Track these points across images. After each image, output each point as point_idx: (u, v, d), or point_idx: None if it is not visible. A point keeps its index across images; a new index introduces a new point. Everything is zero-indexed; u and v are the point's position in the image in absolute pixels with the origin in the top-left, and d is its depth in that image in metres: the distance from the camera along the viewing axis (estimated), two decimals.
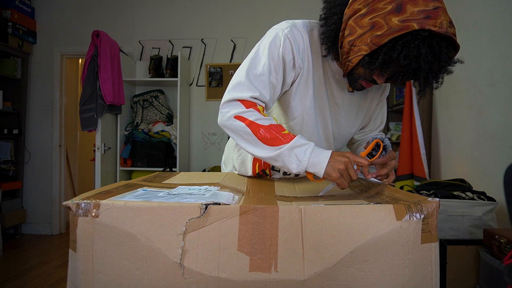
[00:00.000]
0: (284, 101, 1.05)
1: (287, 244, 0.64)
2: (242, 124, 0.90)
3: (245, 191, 0.90)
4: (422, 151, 2.66)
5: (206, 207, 0.64)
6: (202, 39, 4.03)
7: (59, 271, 2.96)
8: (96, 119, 3.32)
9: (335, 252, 0.63)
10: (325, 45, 0.97)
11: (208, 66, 4.00)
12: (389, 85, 1.18)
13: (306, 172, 0.88)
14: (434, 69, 0.80)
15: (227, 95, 0.96)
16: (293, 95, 1.02)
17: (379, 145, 0.92)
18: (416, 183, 2.61)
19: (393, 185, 0.95)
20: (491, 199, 1.84)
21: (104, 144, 3.46)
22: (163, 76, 3.82)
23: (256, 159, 1.14)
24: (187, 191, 0.81)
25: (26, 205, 4.06)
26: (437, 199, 0.67)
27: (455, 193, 1.88)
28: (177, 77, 3.66)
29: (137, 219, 0.63)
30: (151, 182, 0.97)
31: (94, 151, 3.42)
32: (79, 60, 4.75)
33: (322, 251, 0.63)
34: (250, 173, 1.17)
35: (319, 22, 0.99)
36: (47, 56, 4.09)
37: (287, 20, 1.00)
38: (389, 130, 3.43)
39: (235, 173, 1.25)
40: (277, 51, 0.95)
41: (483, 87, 2.17)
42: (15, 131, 3.89)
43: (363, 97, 1.11)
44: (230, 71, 3.97)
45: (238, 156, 1.21)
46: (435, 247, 0.66)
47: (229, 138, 1.17)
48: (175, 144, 3.74)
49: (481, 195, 1.87)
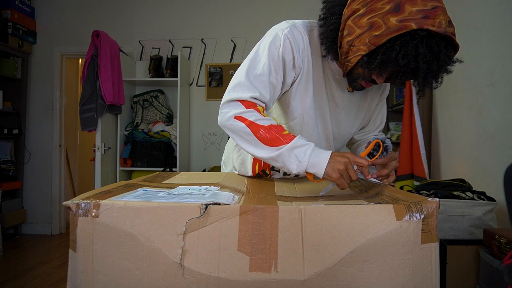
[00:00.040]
0: (284, 101, 1.05)
1: (287, 244, 0.64)
2: (242, 124, 0.90)
3: (245, 191, 0.90)
4: (422, 151, 2.66)
5: (206, 207, 0.64)
6: (202, 39, 4.03)
7: (59, 271, 2.96)
8: (96, 119, 3.32)
9: (335, 252, 0.63)
10: (325, 45, 0.97)
11: (208, 66, 4.00)
12: (389, 85, 1.18)
13: (306, 172, 0.88)
14: (433, 69, 0.80)
15: (227, 96, 0.96)
16: (293, 95, 1.02)
17: (379, 145, 0.92)
18: (416, 183, 2.61)
19: (393, 185, 0.95)
20: (491, 199, 1.84)
21: (104, 144, 3.46)
22: (163, 76, 3.82)
23: (256, 159, 1.14)
24: (187, 191, 0.81)
25: (26, 205, 4.06)
26: (437, 199, 0.67)
27: (455, 193, 1.88)
28: (177, 77, 3.66)
29: (137, 219, 0.63)
30: (151, 182, 0.98)
31: (94, 151, 3.42)
32: (79, 60, 4.75)
33: (322, 251, 0.63)
34: (250, 173, 1.17)
35: (318, 22, 1.00)
36: (47, 56, 4.09)
37: (287, 20, 1.00)
38: (389, 130, 3.42)
39: (235, 173, 1.24)
40: (277, 51, 0.95)
41: (483, 87, 2.17)
42: (15, 131, 3.89)
43: (363, 97, 1.11)
44: (230, 71, 3.97)
45: (238, 156, 1.20)
46: (435, 247, 0.66)
47: (229, 138, 1.17)
48: (175, 144, 3.74)
49: (481, 195, 1.87)
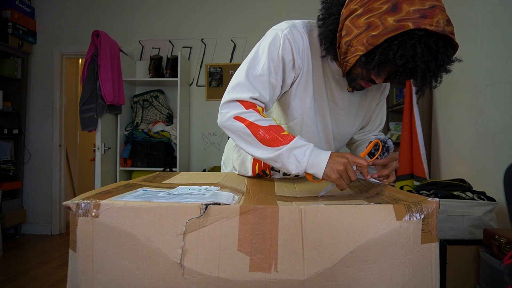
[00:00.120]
0: (284, 101, 1.05)
1: (287, 244, 0.64)
2: (242, 125, 0.90)
3: (245, 191, 0.90)
4: (422, 151, 2.66)
5: (206, 207, 0.64)
6: (202, 39, 4.03)
7: (59, 271, 2.96)
8: (96, 119, 3.32)
9: (335, 252, 0.63)
10: (323, 46, 0.97)
11: (208, 66, 4.00)
12: (388, 85, 1.18)
13: (305, 173, 0.88)
14: (432, 68, 0.79)
15: (227, 96, 0.96)
16: (293, 96, 1.02)
17: (379, 145, 0.92)
18: (416, 183, 2.61)
19: (393, 185, 0.95)
20: (491, 199, 1.84)
21: (104, 144, 3.46)
22: (163, 76, 3.82)
23: (256, 160, 1.14)
24: (187, 191, 0.81)
25: (26, 205, 4.06)
26: (437, 199, 0.67)
27: (455, 193, 1.88)
28: (177, 77, 3.66)
29: (137, 219, 0.63)
30: (151, 182, 0.98)
31: (94, 151, 3.42)
32: (79, 60, 4.75)
33: (322, 251, 0.63)
34: (250, 174, 1.17)
35: (317, 22, 1.00)
36: (47, 56, 4.09)
37: (287, 21, 1.00)
38: (389, 130, 3.42)
39: (235, 173, 1.24)
40: (277, 51, 0.95)
41: (483, 87, 2.17)
42: (15, 131, 3.89)
43: (363, 97, 1.11)
44: (230, 71, 3.97)
45: (238, 157, 1.20)
46: (435, 247, 0.66)
47: (229, 138, 1.17)
48: (175, 144, 3.74)
49: (481, 195, 1.87)
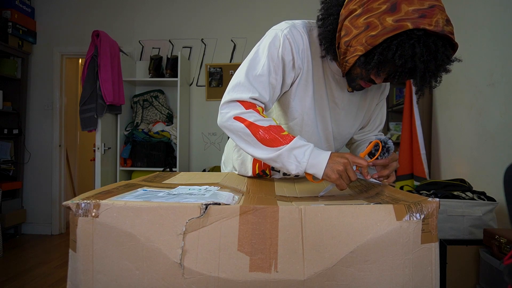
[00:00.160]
0: (284, 101, 1.05)
1: (287, 244, 0.64)
2: (242, 125, 0.90)
3: (245, 191, 0.90)
4: (422, 151, 2.66)
5: (206, 207, 0.64)
6: (202, 39, 4.03)
7: (59, 271, 2.96)
8: (96, 119, 3.32)
9: (335, 252, 0.63)
10: (323, 46, 0.97)
11: (208, 66, 4.00)
12: (388, 85, 1.18)
13: (305, 173, 0.88)
14: (431, 68, 0.79)
15: (227, 96, 0.96)
16: (293, 96, 1.02)
17: (378, 145, 0.92)
18: (416, 183, 2.61)
19: (393, 186, 0.95)
20: (491, 199, 1.84)
21: (104, 144, 3.46)
22: (163, 76, 3.82)
23: (256, 160, 1.14)
24: (187, 191, 0.81)
25: (26, 205, 4.06)
26: (437, 199, 0.67)
27: (455, 193, 1.88)
28: (177, 77, 3.66)
29: (137, 219, 0.63)
30: (151, 182, 0.98)
31: (94, 151, 3.42)
32: (79, 60, 4.75)
33: (322, 251, 0.63)
34: (250, 174, 1.17)
35: (317, 22, 1.00)
36: (47, 56, 4.09)
37: (287, 21, 1.00)
38: (389, 130, 3.42)
39: (235, 173, 1.24)
40: (277, 51, 0.95)
41: (483, 87, 2.17)
42: (15, 131, 3.89)
43: (362, 97, 1.11)
44: (230, 71, 3.97)
45: (238, 157, 1.20)
46: (435, 247, 0.66)
47: (229, 138, 1.17)
48: (175, 144, 3.74)
49: (481, 195, 1.87)
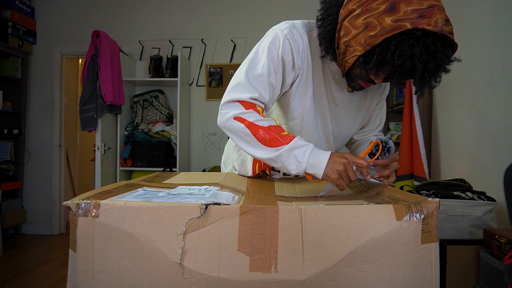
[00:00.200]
0: (284, 101, 1.05)
1: (287, 244, 0.64)
2: (242, 125, 0.90)
3: (245, 191, 0.90)
4: (422, 151, 2.66)
5: (206, 207, 0.64)
6: (202, 39, 4.03)
7: (59, 271, 2.96)
8: (96, 119, 3.32)
9: (335, 252, 0.63)
10: (322, 46, 0.97)
11: (208, 66, 4.00)
12: (388, 85, 1.18)
13: (305, 173, 0.88)
14: (430, 68, 0.79)
15: (227, 96, 0.95)
16: (293, 96, 1.02)
17: (378, 145, 0.92)
18: (416, 183, 2.61)
19: (393, 186, 0.95)
20: (491, 199, 1.84)
21: (104, 144, 3.46)
22: (163, 76, 3.82)
23: (256, 160, 1.14)
24: (187, 191, 0.81)
25: (26, 205, 4.06)
26: (437, 199, 0.67)
27: (455, 193, 1.88)
28: (177, 77, 3.66)
29: (137, 219, 0.63)
30: (151, 182, 0.98)
31: (94, 151, 3.42)
32: (79, 60, 4.75)
33: (322, 251, 0.63)
34: (250, 174, 1.17)
35: (316, 23, 0.99)
36: (47, 56, 4.09)
37: (287, 21, 1.00)
38: (389, 130, 3.42)
39: (235, 173, 1.24)
40: (277, 51, 0.95)
41: (483, 87, 2.17)
42: (15, 131, 3.89)
43: (362, 97, 1.11)
44: (230, 71, 3.97)
45: (238, 157, 1.20)
46: (435, 247, 0.66)
47: (229, 138, 1.17)
48: (175, 144, 3.74)
49: (481, 195, 1.87)
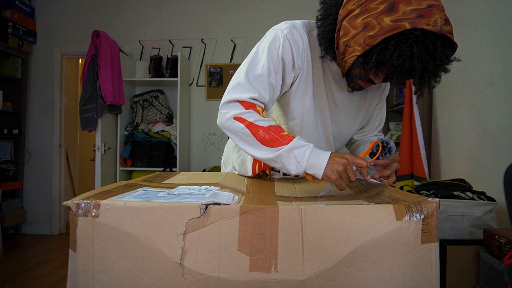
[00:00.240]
0: (284, 101, 1.05)
1: (287, 244, 0.64)
2: (241, 125, 0.90)
3: (245, 191, 0.90)
4: (422, 151, 2.66)
5: (206, 207, 0.64)
6: (202, 39, 4.03)
7: (59, 271, 2.95)
8: (96, 119, 3.32)
9: (335, 252, 0.63)
10: (322, 46, 0.97)
11: (208, 66, 4.00)
12: (388, 85, 1.18)
13: (305, 173, 0.88)
14: (429, 68, 0.79)
15: (227, 96, 0.95)
16: (293, 96, 1.02)
17: (378, 145, 0.92)
18: (416, 183, 2.61)
19: (393, 186, 0.95)
20: (491, 199, 1.84)
21: (104, 144, 3.46)
22: (163, 76, 3.82)
23: (256, 160, 1.14)
24: (187, 191, 0.81)
25: (26, 205, 4.06)
26: (437, 199, 0.67)
27: (455, 193, 1.88)
28: (177, 77, 3.66)
29: (137, 219, 0.63)
30: (151, 182, 0.98)
31: (94, 151, 3.42)
32: (79, 60, 4.75)
33: (322, 251, 0.63)
34: (250, 174, 1.17)
35: (316, 23, 0.99)
36: (47, 56, 4.09)
37: (287, 21, 1.00)
38: (389, 130, 3.42)
39: (235, 173, 1.24)
40: (277, 51, 0.95)
41: (483, 87, 2.17)
42: (15, 131, 3.89)
43: (362, 97, 1.11)
44: (230, 71, 3.97)
45: (238, 157, 1.20)
46: (435, 247, 0.66)
47: (228, 138, 1.17)
48: (175, 144, 3.74)
49: (481, 195, 1.87)
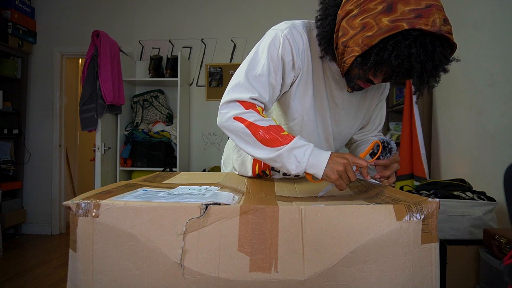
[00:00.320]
0: (284, 102, 1.05)
1: (287, 244, 0.64)
2: (241, 125, 0.90)
3: (245, 191, 0.90)
4: (422, 151, 2.66)
5: (206, 207, 0.64)
6: (202, 39, 4.03)
7: (59, 271, 2.95)
8: (96, 119, 3.32)
9: (335, 252, 0.63)
10: (322, 46, 0.97)
11: (208, 66, 4.00)
12: (388, 85, 1.18)
13: (305, 173, 0.88)
14: (428, 68, 0.79)
15: (226, 96, 0.95)
16: (293, 96, 1.02)
17: (378, 146, 0.92)
18: (416, 183, 2.61)
19: (393, 186, 0.95)
20: (491, 199, 1.84)
21: (104, 144, 3.46)
22: (163, 76, 3.82)
23: (256, 160, 1.14)
24: (187, 191, 0.81)
25: (26, 205, 4.06)
26: (437, 199, 0.67)
27: (455, 193, 1.88)
28: (177, 77, 3.66)
29: (137, 219, 0.63)
30: (151, 182, 0.98)
31: (94, 151, 3.42)
32: (79, 60, 4.75)
33: (322, 251, 0.63)
34: (250, 174, 1.17)
35: (316, 23, 1.00)
36: (47, 56, 4.08)
37: (287, 21, 1.00)
38: (389, 130, 3.42)
39: (235, 173, 1.24)
40: (277, 51, 0.95)
41: (483, 87, 2.17)
42: (15, 131, 3.89)
43: (362, 97, 1.11)
44: (230, 71, 3.97)
45: (238, 157, 1.20)
46: (435, 247, 0.66)
47: (228, 138, 1.17)
48: (175, 144, 3.74)
49: (481, 195, 1.87)
